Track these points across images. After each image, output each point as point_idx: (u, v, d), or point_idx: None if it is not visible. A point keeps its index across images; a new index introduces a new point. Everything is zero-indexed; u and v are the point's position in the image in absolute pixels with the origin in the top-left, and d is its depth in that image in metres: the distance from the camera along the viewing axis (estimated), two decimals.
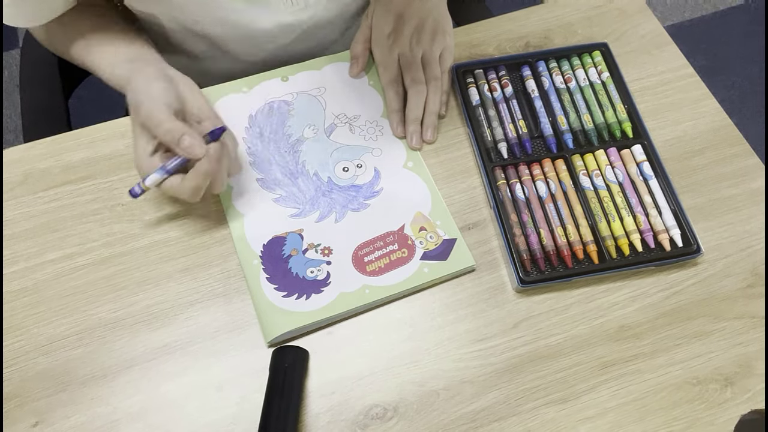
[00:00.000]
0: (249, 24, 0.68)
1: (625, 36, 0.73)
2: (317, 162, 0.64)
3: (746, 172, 0.64)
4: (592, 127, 0.66)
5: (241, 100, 0.67)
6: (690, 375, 0.55)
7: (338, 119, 0.66)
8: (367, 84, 0.69)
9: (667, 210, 0.61)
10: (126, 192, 0.62)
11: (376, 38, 0.68)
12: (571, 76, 0.69)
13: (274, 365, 0.53)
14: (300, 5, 0.67)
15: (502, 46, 0.72)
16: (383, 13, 0.67)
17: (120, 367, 0.54)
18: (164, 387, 0.54)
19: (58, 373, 0.54)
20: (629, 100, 0.67)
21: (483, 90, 0.68)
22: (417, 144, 0.65)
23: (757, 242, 0.61)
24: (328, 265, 0.58)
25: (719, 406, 0.53)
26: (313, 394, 0.54)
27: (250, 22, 0.68)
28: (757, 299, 0.58)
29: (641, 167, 0.63)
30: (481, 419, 0.53)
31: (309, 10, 0.69)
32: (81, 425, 0.52)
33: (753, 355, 0.56)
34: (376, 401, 0.53)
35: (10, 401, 0.53)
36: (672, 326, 0.57)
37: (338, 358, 0.55)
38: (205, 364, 0.55)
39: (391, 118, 0.66)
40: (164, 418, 0.53)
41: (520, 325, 0.56)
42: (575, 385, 0.54)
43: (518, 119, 0.66)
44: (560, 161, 0.64)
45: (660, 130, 0.67)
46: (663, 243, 0.59)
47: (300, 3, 0.67)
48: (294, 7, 0.67)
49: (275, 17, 0.68)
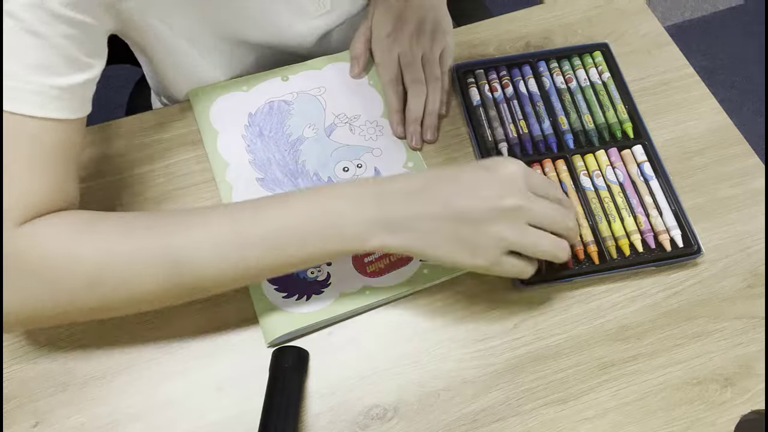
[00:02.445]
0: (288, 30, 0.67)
1: (625, 36, 0.73)
2: (317, 162, 0.64)
3: (746, 172, 0.64)
4: (592, 128, 0.66)
5: (241, 99, 0.67)
6: (690, 375, 0.55)
7: (338, 119, 0.66)
8: (367, 84, 0.69)
9: (667, 210, 0.61)
10: (127, 192, 0.62)
11: (376, 38, 0.68)
12: (572, 77, 0.69)
13: (275, 365, 0.53)
14: (326, 7, 0.67)
15: (502, 46, 0.72)
16: (383, 13, 0.67)
17: (120, 367, 0.54)
18: (164, 387, 0.54)
19: (58, 373, 0.54)
20: (630, 101, 0.67)
21: (484, 90, 0.67)
22: (417, 144, 0.65)
23: (757, 242, 0.61)
24: (329, 266, 0.58)
25: (719, 407, 0.53)
26: (313, 394, 0.54)
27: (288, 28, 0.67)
28: (757, 299, 0.58)
29: (642, 167, 0.63)
30: (481, 419, 0.53)
31: (333, 13, 0.68)
32: (81, 425, 0.52)
33: (753, 356, 0.56)
34: (376, 401, 0.53)
35: (10, 401, 0.53)
36: (672, 326, 0.57)
37: (338, 359, 0.55)
38: (205, 364, 0.55)
39: (392, 118, 0.66)
40: (164, 418, 0.53)
41: (520, 326, 0.56)
42: (575, 385, 0.54)
43: (519, 119, 0.66)
44: (561, 161, 0.63)
45: (660, 130, 0.67)
46: (663, 243, 0.59)
47: (326, 5, 0.66)
48: (322, 10, 0.67)
49: (308, 21, 0.67)
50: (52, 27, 0.47)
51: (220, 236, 0.49)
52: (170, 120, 0.67)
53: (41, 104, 0.47)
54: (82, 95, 0.51)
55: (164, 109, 0.68)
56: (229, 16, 0.63)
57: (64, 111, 0.49)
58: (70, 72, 0.49)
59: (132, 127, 0.66)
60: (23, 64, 0.46)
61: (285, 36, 0.67)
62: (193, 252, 0.48)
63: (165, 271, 0.48)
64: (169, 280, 0.48)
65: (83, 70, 0.51)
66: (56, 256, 0.47)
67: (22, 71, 0.46)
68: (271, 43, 0.68)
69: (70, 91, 0.49)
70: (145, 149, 0.65)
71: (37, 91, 0.47)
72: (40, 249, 0.47)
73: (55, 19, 0.47)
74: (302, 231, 0.49)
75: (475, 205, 0.49)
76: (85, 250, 0.48)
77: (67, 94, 0.49)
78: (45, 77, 0.47)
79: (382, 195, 0.50)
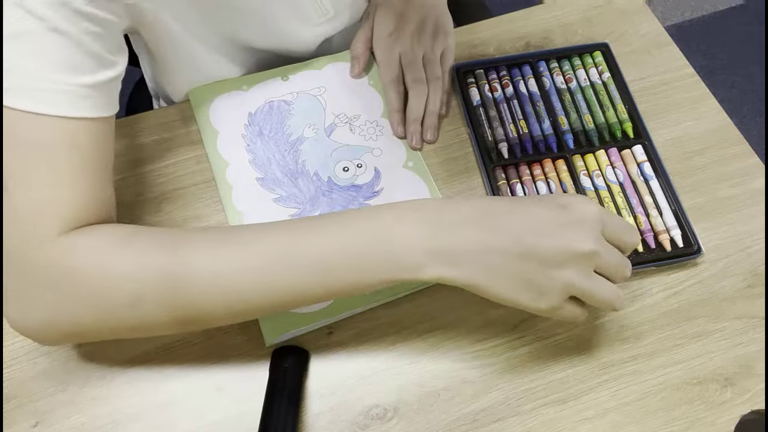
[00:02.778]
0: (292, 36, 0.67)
1: (625, 36, 0.73)
2: (317, 162, 0.64)
3: (746, 172, 0.64)
4: (592, 128, 0.66)
5: (241, 98, 0.67)
6: (690, 375, 0.55)
7: (338, 119, 0.66)
8: (367, 84, 0.69)
9: (667, 210, 0.61)
10: (127, 192, 0.62)
11: (377, 37, 0.68)
12: (572, 77, 0.69)
13: (275, 366, 0.53)
14: (329, 14, 0.67)
15: (502, 46, 0.72)
16: (385, 12, 0.67)
17: (120, 367, 0.54)
18: (164, 387, 0.54)
19: (58, 373, 0.54)
20: (630, 101, 0.67)
21: (484, 90, 0.68)
22: (417, 144, 0.65)
23: (757, 242, 0.61)
24: None
25: (719, 407, 0.53)
26: (313, 394, 0.54)
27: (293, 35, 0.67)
28: (757, 299, 0.58)
29: (642, 167, 0.63)
30: (481, 419, 0.53)
31: (336, 20, 0.68)
32: (81, 425, 0.52)
33: (753, 356, 0.56)
34: (376, 401, 0.53)
35: (10, 401, 0.53)
36: (672, 326, 0.57)
37: (338, 359, 0.55)
38: (205, 364, 0.55)
39: (392, 118, 0.66)
40: (164, 418, 0.53)
41: (520, 326, 0.56)
42: (575, 385, 0.54)
43: (519, 119, 0.66)
44: (561, 161, 0.63)
45: (660, 130, 0.67)
46: (664, 243, 0.59)
47: (329, 12, 0.66)
48: (324, 17, 0.66)
49: (311, 28, 0.67)
50: (76, 24, 0.46)
51: (274, 253, 0.46)
52: (170, 120, 0.67)
53: (73, 104, 0.46)
54: (109, 93, 0.50)
55: (164, 109, 0.68)
56: (236, 21, 0.63)
57: (97, 109, 0.48)
58: (96, 70, 0.48)
59: (132, 127, 0.66)
60: (49, 64, 0.45)
61: (289, 42, 0.67)
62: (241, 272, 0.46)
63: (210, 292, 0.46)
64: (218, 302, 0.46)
65: (108, 67, 0.50)
66: (98, 271, 0.46)
67: (48, 71, 0.45)
68: (274, 48, 0.68)
69: (98, 89, 0.48)
70: (145, 149, 0.65)
71: (66, 90, 0.46)
72: (81, 262, 0.46)
73: (78, 16, 0.46)
74: (356, 255, 0.46)
75: (548, 245, 0.45)
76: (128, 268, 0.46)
77: (96, 92, 0.48)
78: (73, 76, 0.46)
79: (445, 222, 0.46)
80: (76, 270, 0.46)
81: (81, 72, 0.47)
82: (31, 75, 0.45)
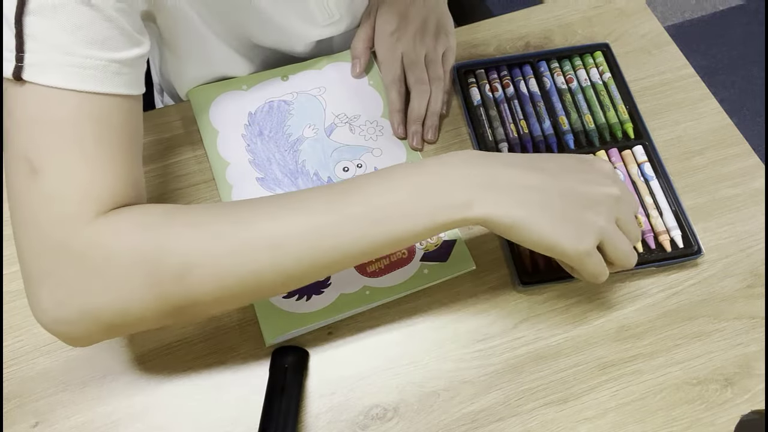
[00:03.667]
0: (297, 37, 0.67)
1: (625, 36, 0.73)
2: (317, 162, 0.64)
3: (746, 172, 0.64)
4: (593, 128, 0.66)
5: (241, 98, 0.67)
6: (690, 375, 0.55)
7: (338, 119, 0.66)
8: (367, 84, 0.69)
9: (667, 211, 0.61)
10: None
11: (379, 37, 0.68)
12: (573, 77, 0.69)
13: (274, 365, 0.53)
14: (335, 17, 0.67)
15: (502, 46, 0.72)
16: (387, 11, 0.67)
17: (120, 367, 0.54)
18: (164, 387, 0.54)
19: (58, 373, 0.54)
20: (630, 101, 0.67)
21: (484, 90, 0.67)
22: (418, 144, 0.65)
23: (757, 242, 0.61)
24: None
25: (719, 407, 0.53)
26: (313, 394, 0.54)
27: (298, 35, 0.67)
28: (757, 299, 0.58)
29: (642, 168, 0.63)
30: (481, 420, 0.53)
31: (341, 22, 0.68)
32: (81, 425, 0.52)
33: (753, 356, 0.56)
34: (376, 401, 0.53)
35: (10, 401, 0.53)
36: (672, 326, 0.57)
37: (338, 359, 0.55)
38: (205, 363, 0.55)
39: (393, 118, 0.66)
40: (164, 418, 0.53)
41: (520, 326, 0.56)
42: (575, 385, 0.54)
43: (519, 119, 0.66)
44: None
45: (660, 130, 0.67)
46: (664, 244, 0.59)
47: (334, 15, 0.66)
48: (330, 20, 0.67)
49: (316, 30, 0.67)
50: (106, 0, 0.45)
51: (315, 217, 0.45)
52: (170, 120, 0.67)
53: (104, 80, 0.45)
54: (138, 71, 0.49)
55: (164, 109, 0.68)
56: (245, 16, 0.63)
57: (128, 86, 0.47)
58: (126, 47, 0.47)
59: None
60: (79, 39, 0.43)
61: (294, 43, 0.68)
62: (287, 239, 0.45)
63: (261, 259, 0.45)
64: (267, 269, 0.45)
65: (136, 45, 0.48)
66: (143, 250, 0.43)
67: (78, 46, 0.43)
68: (279, 48, 0.68)
69: (128, 65, 0.47)
70: (145, 149, 0.64)
71: (98, 66, 0.44)
72: (125, 244, 0.44)
73: None
74: (403, 201, 0.46)
75: (583, 185, 0.48)
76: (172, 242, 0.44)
77: (126, 68, 0.47)
78: (104, 51, 0.45)
79: (490, 163, 0.48)
80: (121, 253, 0.43)
81: (112, 48, 0.46)
82: (64, 49, 0.43)
